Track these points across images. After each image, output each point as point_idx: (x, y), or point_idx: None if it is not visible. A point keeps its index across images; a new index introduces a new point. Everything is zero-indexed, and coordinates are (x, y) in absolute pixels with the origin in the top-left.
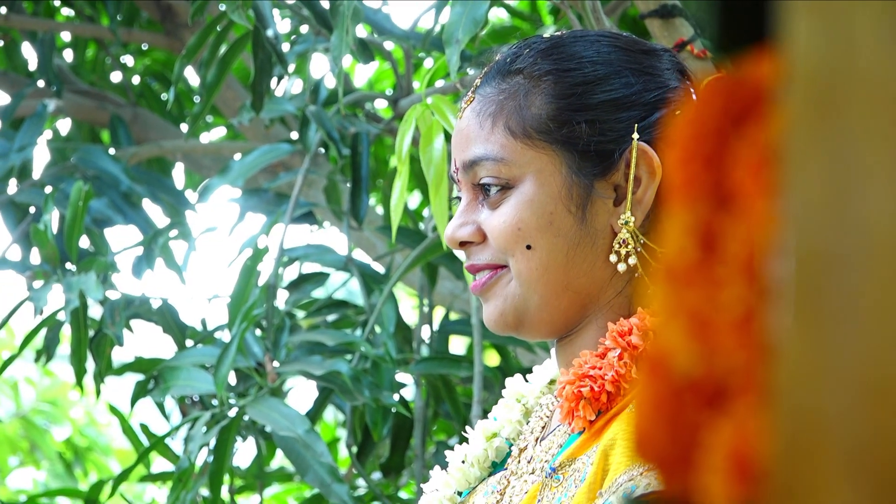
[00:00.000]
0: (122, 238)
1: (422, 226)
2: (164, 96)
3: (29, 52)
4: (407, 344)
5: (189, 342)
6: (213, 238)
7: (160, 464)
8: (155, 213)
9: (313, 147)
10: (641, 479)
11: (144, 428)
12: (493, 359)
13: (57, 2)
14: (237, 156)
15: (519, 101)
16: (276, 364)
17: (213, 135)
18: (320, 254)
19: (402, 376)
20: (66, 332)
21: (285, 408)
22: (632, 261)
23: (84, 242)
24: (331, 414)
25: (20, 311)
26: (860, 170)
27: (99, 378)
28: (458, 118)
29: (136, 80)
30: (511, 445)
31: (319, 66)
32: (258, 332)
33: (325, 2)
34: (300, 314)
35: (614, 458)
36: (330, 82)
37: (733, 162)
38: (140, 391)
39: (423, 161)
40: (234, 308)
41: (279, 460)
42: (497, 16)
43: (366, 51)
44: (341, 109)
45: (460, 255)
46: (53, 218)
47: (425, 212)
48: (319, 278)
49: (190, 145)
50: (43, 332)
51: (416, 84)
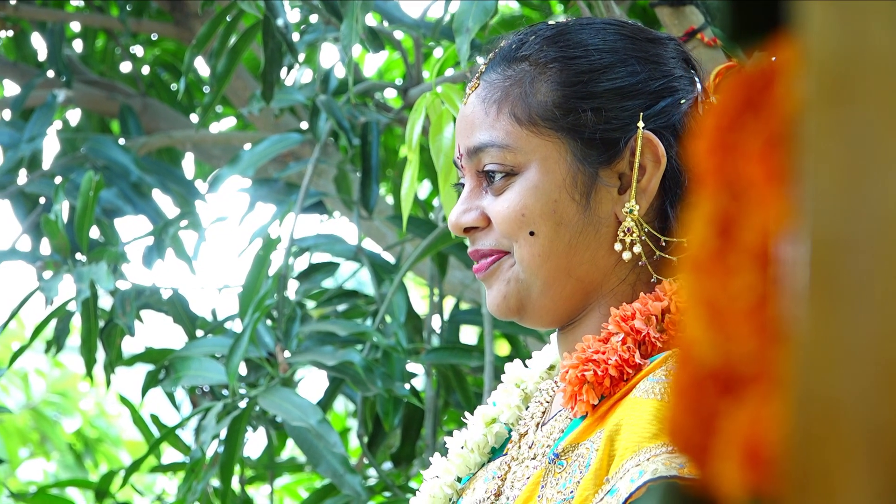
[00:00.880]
0: (133, 228)
1: (432, 215)
2: (174, 86)
3: (38, 43)
4: (417, 334)
5: (199, 332)
6: (223, 228)
7: (170, 454)
8: (165, 203)
9: (323, 136)
10: (649, 464)
11: (155, 419)
12: (503, 348)
13: None
14: (247, 146)
15: (524, 88)
16: (287, 354)
17: (223, 125)
18: (331, 244)
19: (412, 366)
20: (77, 322)
21: (297, 398)
22: (636, 249)
23: (94, 233)
24: (341, 404)
25: (30, 302)
26: (874, 157)
27: (109, 369)
28: (462, 104)
29: (145, 70)
30: (510, 431)
31: (329, 55)
32: (269, 322)
33: None
34: (310, 304)
35: (620, 443)
36: (340, 72)
37: (749, 148)
38: (151, 382)
39: (432, 150)
40: (246, 298)
41: (289, 451)
42: (507, 4)
43: (376, 40)
44: (351, 99)
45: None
46: (64, 208)
47: (435, 201)
48: (330, 268)
49: (200, 135)
50: (53, 322)
51: (426, 73)
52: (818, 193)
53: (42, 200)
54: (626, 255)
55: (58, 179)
